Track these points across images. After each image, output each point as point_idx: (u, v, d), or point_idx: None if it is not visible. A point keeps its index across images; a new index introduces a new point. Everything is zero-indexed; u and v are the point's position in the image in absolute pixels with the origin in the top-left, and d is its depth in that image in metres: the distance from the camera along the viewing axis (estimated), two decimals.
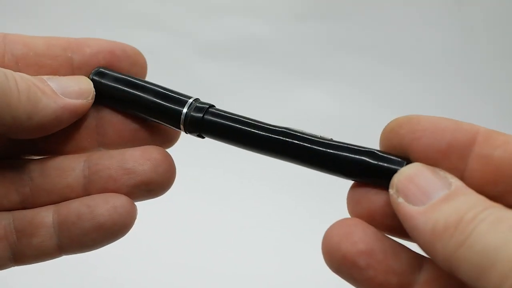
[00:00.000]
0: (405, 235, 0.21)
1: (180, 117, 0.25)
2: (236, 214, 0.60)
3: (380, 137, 0.22)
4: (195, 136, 0.25)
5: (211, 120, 0.24)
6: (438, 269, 0.20)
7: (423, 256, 0.21)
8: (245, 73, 0.71)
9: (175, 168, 0.26)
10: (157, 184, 0.25)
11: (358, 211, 0.22)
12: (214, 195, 0.62)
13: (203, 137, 0.25)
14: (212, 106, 0.25)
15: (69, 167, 0.26)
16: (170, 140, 0.27)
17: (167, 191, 0.26)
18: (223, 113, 0.24)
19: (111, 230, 0.25)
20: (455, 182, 0.20)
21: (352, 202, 0.22)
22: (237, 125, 0.23)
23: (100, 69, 0.26)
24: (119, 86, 0.26)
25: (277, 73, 0.70)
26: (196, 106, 0.25)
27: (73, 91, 0.25)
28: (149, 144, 0.26)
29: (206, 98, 0.26)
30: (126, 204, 0.25)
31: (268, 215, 0.60)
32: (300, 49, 0.72)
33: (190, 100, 0.25)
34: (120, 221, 0.25)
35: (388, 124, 0.21)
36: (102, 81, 0.26)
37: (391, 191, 0.20)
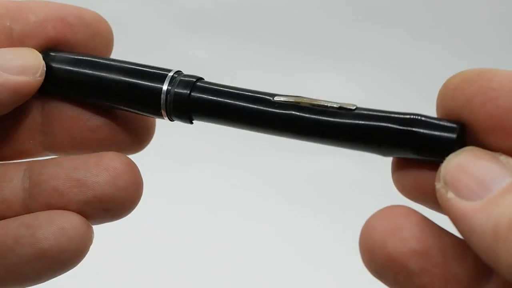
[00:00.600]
0: None
1: (160, 96, 0.22)
2: (230, 230, 0.57)
3: (438, 98, 0.20)
4: (181, 121, 0.23)
5: (201, 98, 0.22)
6: None
7: None
8: (242, 51, 0.68)
9: (141, 181, 0.23)
10: (116, 202, 0.23)
11: (408, 186, 0.20)
12: (199, 204, 0.59)
13: (192, 122, 0.23)
14: (200, 79, 0.23)
15: (5, 177, 0.24)
16: (139, 142, 0.25)
17: (130, 211, 0.23)
18: (216, 87, 0.22)
19: (59, 259, 0.23)
20: None
21: (401, 177, 0.21)
22: (236, 102, 0.22)
23: (50, 53, 0.24)
24: (75, 69, 0.24)
25: (283, 50, 0.68)
26: (180, 80, 0.22)
27: (15, 65, 0.23)
28: (110, 149, 0.24)
29: None
30: (78, 225, 0.23)
31: (271, 229, 0.57)
32: (313, 19, 0.69)
33: (170, 74, 0.23)
34: (70, 247, 0.22)
35: (449, 80, 0.19)
36: (53, 65, 0.24)
37: (437, 184, 0.18)
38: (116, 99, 0.24)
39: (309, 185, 0.61)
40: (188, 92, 0.22)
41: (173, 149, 0.60)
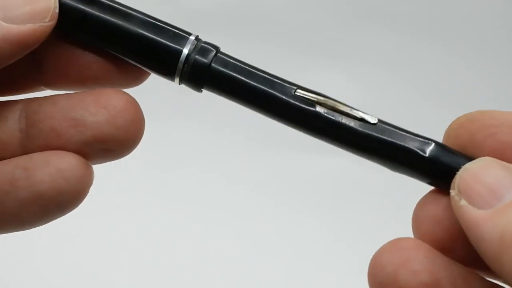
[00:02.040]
0: (487, 269, 0.18)
1: (178, 60, 0.21)
2: (228, 230, 0.57)
3: (445, 135, 0.21)
4: (190, 87, 0.22)
5: (221, 71, 0.21)
6: None
7: None
8: (241, 51, 0.59)
9: (142, 119, 0.23)
10: (116, 141, 0.22)
11: (423, 229, 0.20)
12: (197, 204, 0.58)
13: (201, 91, 0.22)
14: (218, 49, 0.22)
15: (0, 117, 0.23)
16: (136, 78, 0.24)
17: (131, 150, 0.23)
18: (237, 63, 0.22)
19: (56, 201, 0.22)
20: None
21: (419, 218, 0.20)
22: (255, 84, 0.21)
23: None
24: (89, 10, 0.22)
25: (283, 50, 0.67)
26: (201, 46, 0.22)
27: (21, 13, 0.21)
28: (106, 84, 0.23)
29: None
30: (76, 166, 0.22)
31: (275, 235, 0.57)
32: (312, 19, 0.68)
33: (192, 37, 0.22)
34: (68, 189, 0.22)
35: (455, 120, 0.21)
36: (62, 1, 0.22)
37: (452, 192, 0.19)
38: (129, 52, 0.23)
39: (309, 185, 0.60)
40: (209, 62, 0.22)
41: (170, 147, 0.61)
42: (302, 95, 0.21)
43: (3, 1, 0.22)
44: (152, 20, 0.22)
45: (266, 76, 0.22)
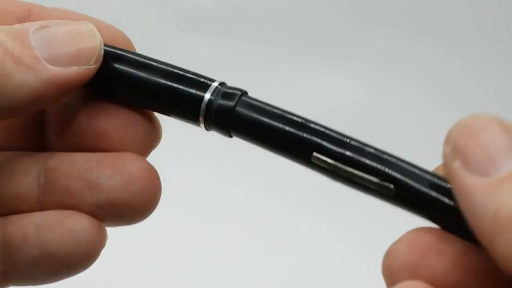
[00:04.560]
0: None
1: (201, 105, 0.22)
2: (231, 230, 0.57)
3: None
4: (220, 133, 0.22)
5: (244, 114, 0.22)
6: None
7: None
8: (241, 52, 0.67)
9: (158, 188, 0.23)
10: (129, 208, 0.22)
11: (419, 271, 0.18)
12: (199, 204, 0.59)
13: (231, 136, 0.22)
14: (245, 92, 0.22)
15: (22, 170, 0.23)
16: (153, 135, 0.23)
17: (145, 218, 0.23)
18: (262, 105, 0.22)
19: (66, 262, 0.22)
20: None
21: (411, 256, 0.19)
22: (291, 130, 0.21)
23: None
24: (116, 65, 0.22)
25: (284, 50, 0.67)
26: (224, 92, 0.22)
27: (66, 54, 0.21)
28: (124, 147, 0.23)
29: None
30: (88, 228, 0.22)
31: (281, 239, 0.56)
32: (313, 19, 0.69)
33: (215, 84, 0.22)
34: (78, 251, 0.22)
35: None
36: None
37: (446, 147, 0.18)
38: (154, 103, 0.23)
39: (312, 185, 0.57)
40: (233, 104, 0.22)
41: (172, 148, 0.58)
42: (317, 161, 0.21)
43: (47, 38, 0.21)
44: (174, 70, 0.23)
45: (291, 117, 0.21)
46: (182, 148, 0.60)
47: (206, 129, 0.23)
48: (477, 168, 0.17)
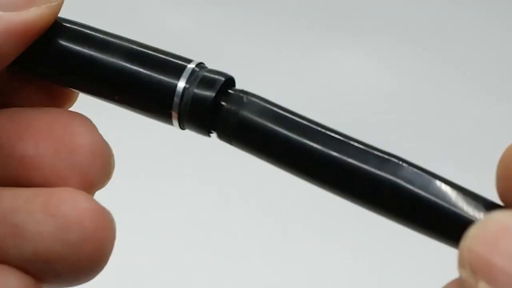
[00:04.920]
0: None
1: (173, 97, 0.20)
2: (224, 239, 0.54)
3: (498, 167, 0.18)
4: (196, 132, 0.21)
5: (231, 111, 0.20)
6: None
7: None
8: (242, 26, 0.65)
9: (109, 237, 0.20)
10: (65, 264, 0.20)
11: None
12: (190, 214, 0.56)
13: (210, 135, 0.21)
14: (229, 78, 0.20)
15: None
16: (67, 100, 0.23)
17: (93, 276, 0.21)
18: (259, 102, 0.20)
19: None
20: None
21: None
22: (292, 135, 0.19)
23: None
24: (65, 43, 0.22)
25: (295, 24, 0.65)
26: (203, 76, 0.20)
27: None
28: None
29: None
30: None
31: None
32: None
33: (190, 66, 0.20)
34: None
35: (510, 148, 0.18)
36: None
37: (462, 272, 0.16)
38: (111, 93, 0.22)
39: (308, 193, 0.59)
40: (213, 94, 0.20)
41: (157, 153, 0.58)
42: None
43: None
44: (139, 48, 0.21)
45: (303, 123, 0.20)
46: (158, 149, 0.58)
47: (181, 127, 0.22)
48: (509, 284, 0.16)
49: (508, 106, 0.58)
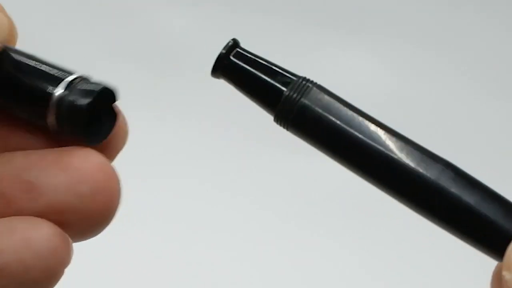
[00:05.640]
0: None
1: (49, 102, 0.21)
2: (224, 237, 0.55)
3: None
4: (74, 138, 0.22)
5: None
6: None
7: None
8: (242, 26, 0.64)
9: (117, 188, 0.21)
10: (78, 215, 0.21)
11: None
12: (186, 215, 0.56)
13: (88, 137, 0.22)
14: (107, 91, 0.21)
15: None
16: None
17: (103, 227, 0.22)
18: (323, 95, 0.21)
19: (21, 279, 0.21)
20: None
21: None
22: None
23: None
24: None
25: (295, 23, 0.65)
26: (79, 88, 0.21)
27: None
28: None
29: (173, 65, 0.28)
30: (49, 236, 0.21)
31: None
32: None
33: (69, 78, 0.21)
34: (37, 265, 0.21)
35: None
36: None
37: (506, 274, 0.18)
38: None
39: (308, 191, 0.58)
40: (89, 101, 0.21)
41: (154, 151, 0.58)
42: None
43: None
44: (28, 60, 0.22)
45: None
46: (156, 147, 0.58)
47: (60, 131, 0.22)
48: None
49: (508, 106, 0.57)
